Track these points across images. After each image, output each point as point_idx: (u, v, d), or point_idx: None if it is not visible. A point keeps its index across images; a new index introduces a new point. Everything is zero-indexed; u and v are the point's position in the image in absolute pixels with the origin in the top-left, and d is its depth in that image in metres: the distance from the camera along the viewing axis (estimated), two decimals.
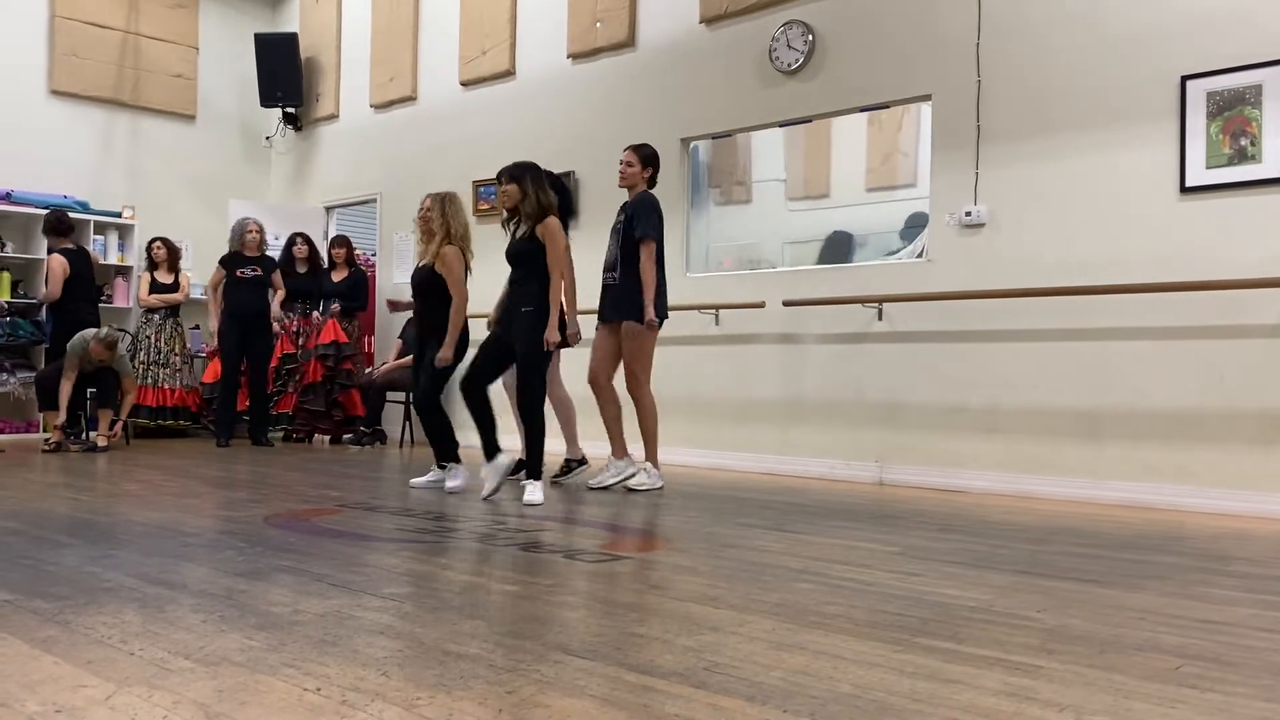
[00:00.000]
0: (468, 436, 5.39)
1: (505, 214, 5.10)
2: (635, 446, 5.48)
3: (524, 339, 4.86)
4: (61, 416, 7.16)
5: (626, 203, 5.47)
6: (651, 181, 5.47)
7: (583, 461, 5.74)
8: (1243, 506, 4.78)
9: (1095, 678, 2.09)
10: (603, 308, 5.49)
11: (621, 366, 5.42)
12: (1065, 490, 5.32)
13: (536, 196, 4.93)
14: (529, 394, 4.84)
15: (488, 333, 5.17)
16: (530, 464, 4.86)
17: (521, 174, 4.97)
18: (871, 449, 6.08)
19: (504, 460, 4.93)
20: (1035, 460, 5.46)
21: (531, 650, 2.22)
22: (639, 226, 5.29)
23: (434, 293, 5.28)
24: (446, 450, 5.34)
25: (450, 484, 5.22)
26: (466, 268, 5.28)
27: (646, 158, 5.44)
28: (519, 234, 4.99)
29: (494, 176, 8.05)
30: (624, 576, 3.13)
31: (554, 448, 5.47)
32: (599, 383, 5.45)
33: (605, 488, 5.35)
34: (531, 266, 4.90)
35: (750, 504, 4.95)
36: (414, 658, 2.16)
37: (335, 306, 8.46)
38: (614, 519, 4.39)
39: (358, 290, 8.65)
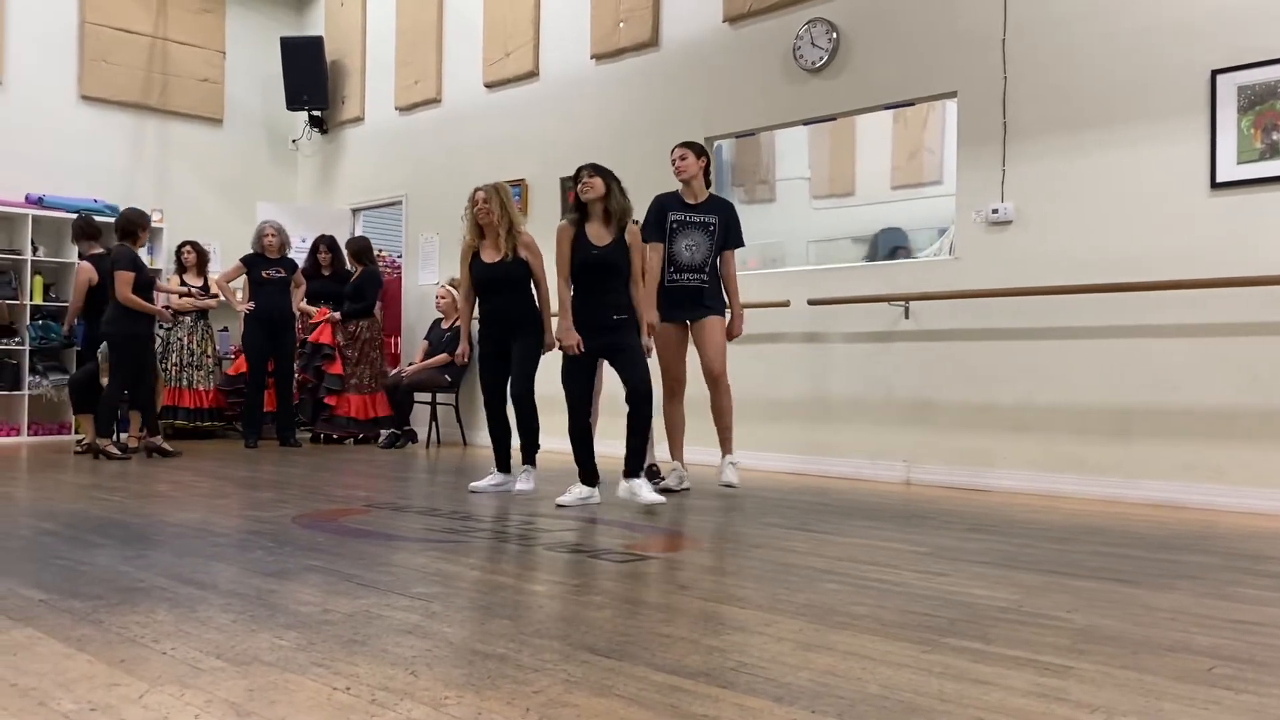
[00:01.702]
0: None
1: (574, 208, 4.86)
2: (665, 447, 5.47)
3: (635, 345, 4.76)
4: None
5: (700, 202, 5.29)
6: (708, 174, 5.39)
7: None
8: (1276, 506, 4.72)
9: (1126, 679, 2.07)
10: (688, 306, 5.26)
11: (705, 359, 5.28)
12: (1095, 489, 5.27)
13: (620, 197, 4.82)
14: (650, 395, 4.71)
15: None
16: (636, 462, 4.73)
17: (606, 172, 4.84)
18: (898, 448, 6.05)
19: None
20: (1065, 459, 5.41)
21: (559, 650, 2.23)
22: (734, 235, 5.32)
23: (515, 285, 5.16)
24: (529, 448, 5.22)
25: (522, 485, 5.09)
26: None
27: (698, 151, 5.32)
28: (602, 241, 4.76)
29: (515, 179, 8.15)
30: (650, 576, 3.13)
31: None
32: (682, 390, 5.34)
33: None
34: (619, 274, 4.77)
35: (776, 504, 4.94)
36: (442, 657, 2.17)
37: (336, 315, 8.50)
38: (640, 519, 4.39)
39: (362, 291, 8.64)
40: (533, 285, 5.27)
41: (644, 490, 4.62)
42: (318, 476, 5.94)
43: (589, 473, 4.79)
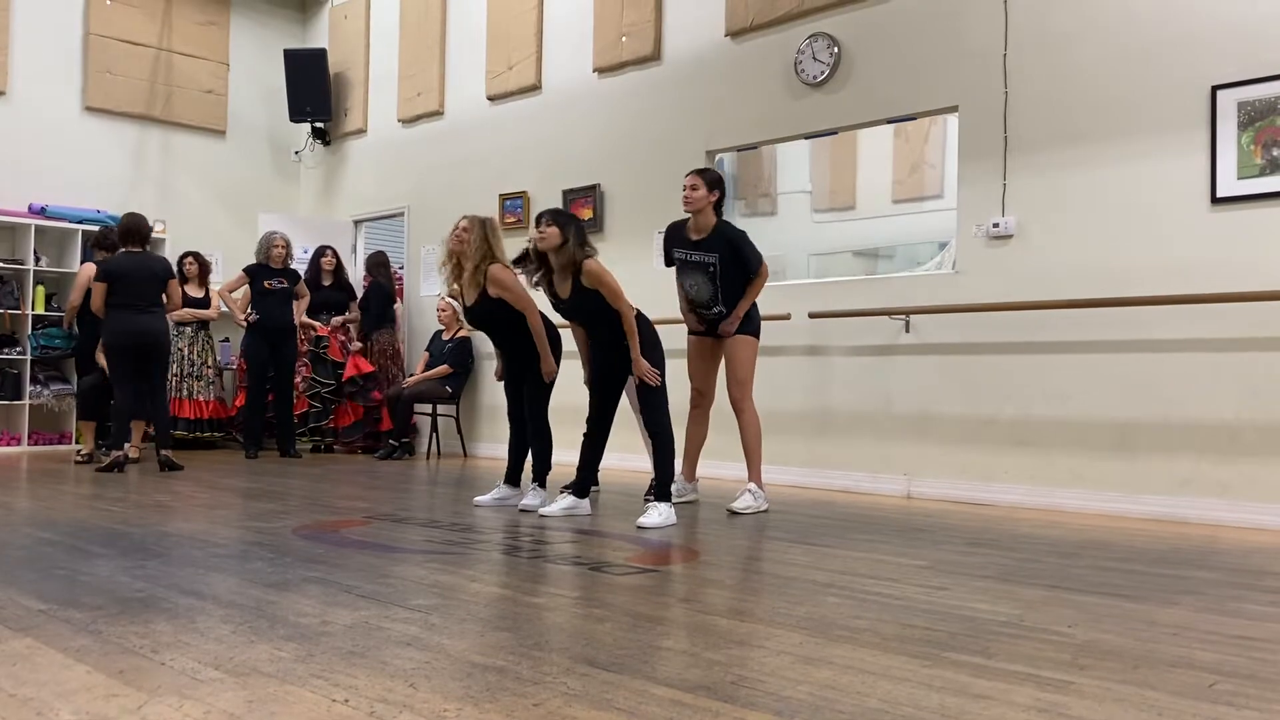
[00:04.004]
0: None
1: (532, 259, 4.83)
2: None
3: (643, 381, 4.71)
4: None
5: (702, 238, 5.03)
6: (719, 206, 5.08)
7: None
8: (1278, 521, 4.71)
9: (1127, 694, 2.07)
10: (711, 329, 5.21)
11: (724, 380, 5.22)
12: (1097, 504, 5.26)
13: (576, 250, 4.66)
14: (663, 420, 4.74)
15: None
16: (655, 485, 4.76)
17: (566, 222, 4.71)
18: (899, 462, 6.04)
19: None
20: (1066, 473, 5.41)
21: (558, 663, 2.22)
22: (748, 258, 5.02)
23: (496, 322, 5.06)
24: (540, 469, 5.15)
25: (528, 501, 5.01)
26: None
27: (712, 182, 5.00)
28: (566, 293, 4.75)
29: (517, 192, 8.18)
30: (650, 589, 3.12)
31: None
32: (706, 403, 5.35)
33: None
34: (600, 317, 4.74)
35: (777, 517, 4.93)
36: (441, 669, 2.16)
37: (357, 345, 8.56)
38: (641, 532, 4.38)
39: (368, 304, 8.72)
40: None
41: (648, 511, 4.57)
42: (318, 487, 5.94)
43: (579, 484, 4.88)
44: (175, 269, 8.73)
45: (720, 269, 5.03)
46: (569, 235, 4.66)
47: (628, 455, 6.36)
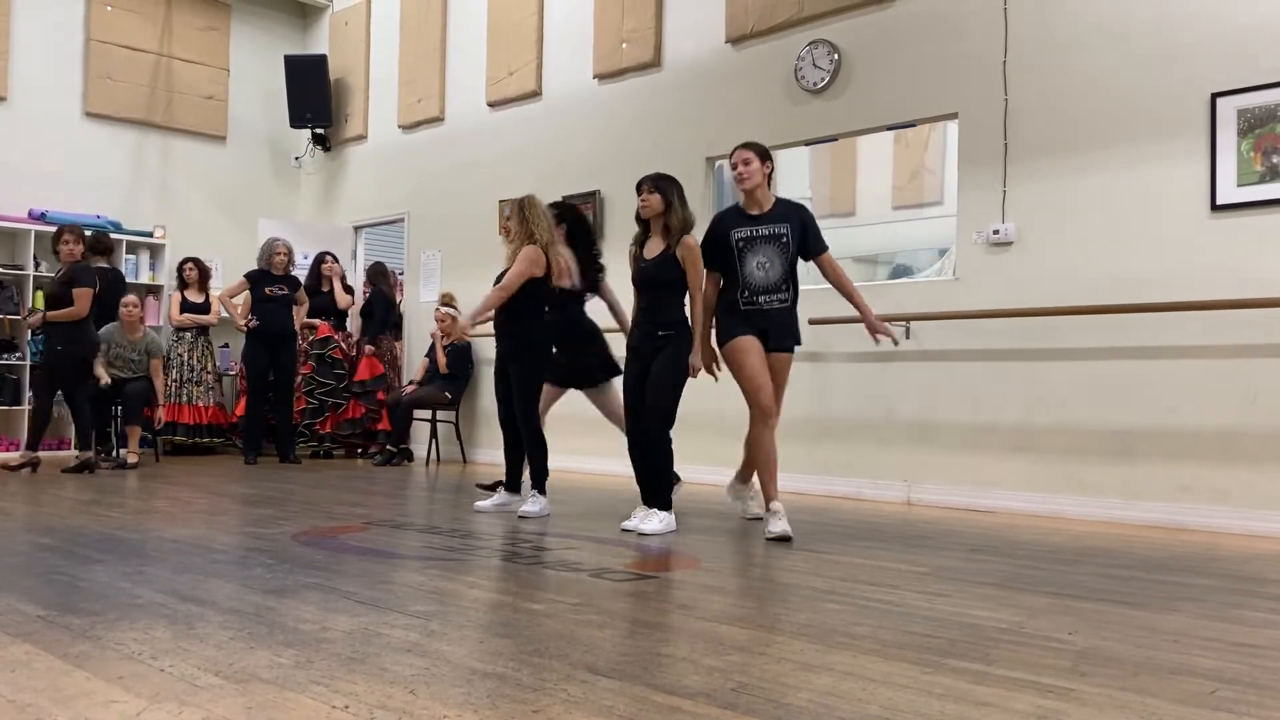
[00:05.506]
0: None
1: (639, 228, 4.79)
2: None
3: (666, 364, 4.57)
4: (104, 378, 7.31)
5: (766, 211, 4.59)
6: (770, 179, 4.69)
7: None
8: (1277, 528, 4.71)
9: (1128, 701, 2.06)
10: (770, 332, 4.57)
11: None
12: (1097, 510, 5.26)
13: (681, 210, 4.67)
14: (662, 419, 4.60)
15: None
16: (648, 492, 4.65)
17: (667, 185, 4.65)
18: (899, 468, 6.04)
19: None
20: (1066, 480, 5.40)
21: (558, 669, 2.22)
22: (814, 239, 4.66)
23: (510, 299, 4.96)
24: (537, 474, 5.06)
25: (528, 508, 4.98)
26: (548, 270, 4.97)
27: (763, 153, 4.61)
28: (653, 254, 4.65)
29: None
30: (650, 596, 3.12)
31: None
32: (775, 422, 4.64)
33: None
34: (669, 290, 4.62)
35: None
36: (441, 676, 2.16)
37: (368, 348, 8.58)
38: (640, 538, 4.37)
39: (371, 310, 8.78)
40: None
41: (645, 518, 4.55)
42: (317, 493, 5.93)
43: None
44: (175, 274, 8.83)
45: (792, 241, 4.57)
46: (672, 199, 4.64)
47: (626, 462, 6.35)
